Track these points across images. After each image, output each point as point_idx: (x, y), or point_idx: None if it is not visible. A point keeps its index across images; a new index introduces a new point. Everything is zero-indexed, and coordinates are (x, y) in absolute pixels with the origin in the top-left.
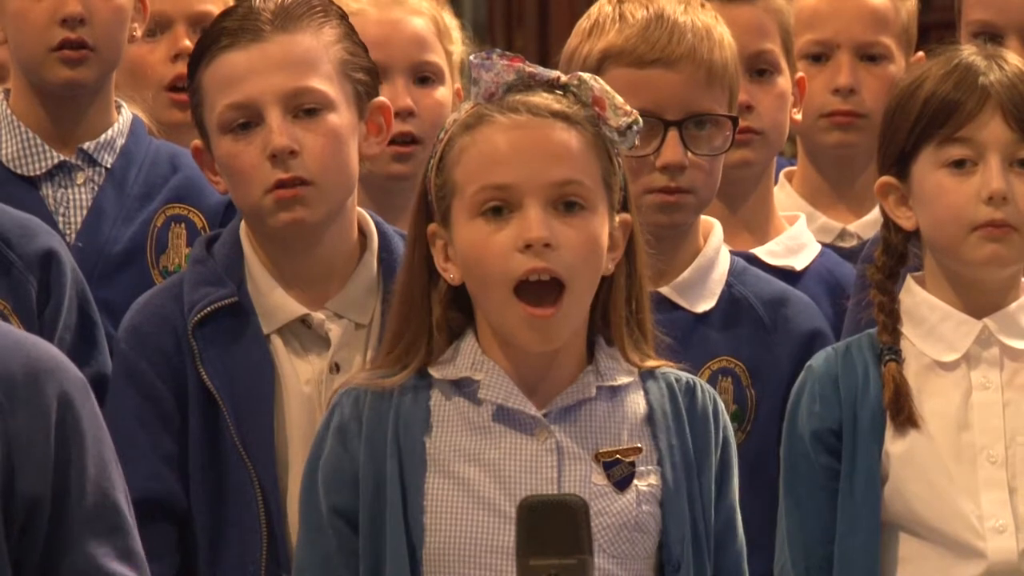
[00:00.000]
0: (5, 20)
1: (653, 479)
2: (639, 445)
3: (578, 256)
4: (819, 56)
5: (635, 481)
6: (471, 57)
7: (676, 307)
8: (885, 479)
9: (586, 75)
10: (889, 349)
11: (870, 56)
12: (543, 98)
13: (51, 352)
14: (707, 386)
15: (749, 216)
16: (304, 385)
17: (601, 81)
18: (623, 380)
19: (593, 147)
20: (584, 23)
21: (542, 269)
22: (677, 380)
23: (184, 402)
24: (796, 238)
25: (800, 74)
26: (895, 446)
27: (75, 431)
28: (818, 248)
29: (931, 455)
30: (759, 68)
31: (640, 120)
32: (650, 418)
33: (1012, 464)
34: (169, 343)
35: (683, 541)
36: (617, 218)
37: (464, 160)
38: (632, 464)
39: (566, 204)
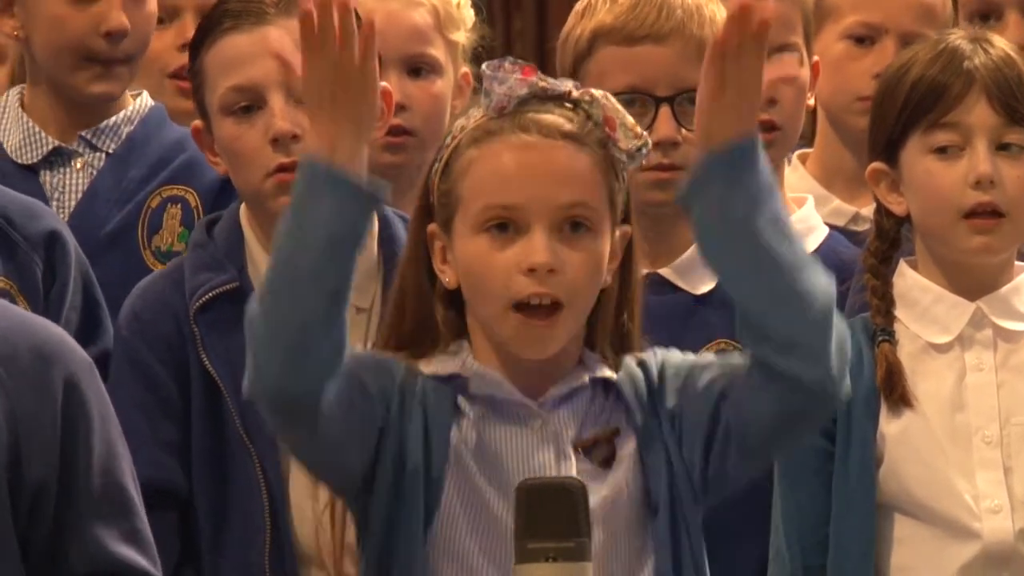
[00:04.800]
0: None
1: (631, 446)
2: (616, 426)
3: (580, 279)
4: (863, 39)
5: (618, 453)
6: (483, 67)
7: (675, 288)
8: (880, 460)
9: (598, 92)
10: (883, 331)
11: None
12: (554, 116)
13: (57, 333)
14: (654, 350)
15: None
16: None
17: (612, 99)
18: (609, 372)
19: (601, 168)
20: (578, 6)
21: (544, 294)
22: (632, 360)
23: (186, 388)
24: (803, 221)
25: (815, 58)
26: (890, 427)
27: (81, 413)
28: (826, 231)
29: (926, 436)
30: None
31: (649, 143)
32: (618, 394)
33: (1007, 444)
34: (170, 329)
35: (660, 485)
36: (618, 231)
37: (471, 174)
38: (612, 444)
39: (572, 225)
